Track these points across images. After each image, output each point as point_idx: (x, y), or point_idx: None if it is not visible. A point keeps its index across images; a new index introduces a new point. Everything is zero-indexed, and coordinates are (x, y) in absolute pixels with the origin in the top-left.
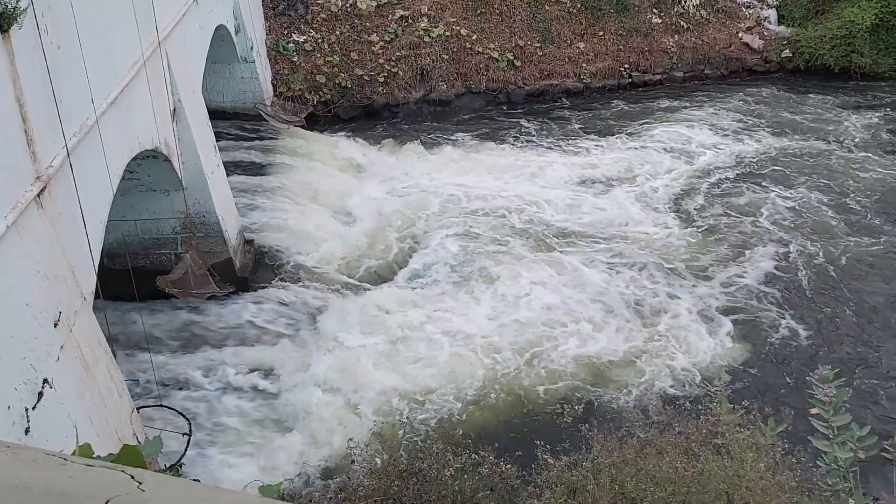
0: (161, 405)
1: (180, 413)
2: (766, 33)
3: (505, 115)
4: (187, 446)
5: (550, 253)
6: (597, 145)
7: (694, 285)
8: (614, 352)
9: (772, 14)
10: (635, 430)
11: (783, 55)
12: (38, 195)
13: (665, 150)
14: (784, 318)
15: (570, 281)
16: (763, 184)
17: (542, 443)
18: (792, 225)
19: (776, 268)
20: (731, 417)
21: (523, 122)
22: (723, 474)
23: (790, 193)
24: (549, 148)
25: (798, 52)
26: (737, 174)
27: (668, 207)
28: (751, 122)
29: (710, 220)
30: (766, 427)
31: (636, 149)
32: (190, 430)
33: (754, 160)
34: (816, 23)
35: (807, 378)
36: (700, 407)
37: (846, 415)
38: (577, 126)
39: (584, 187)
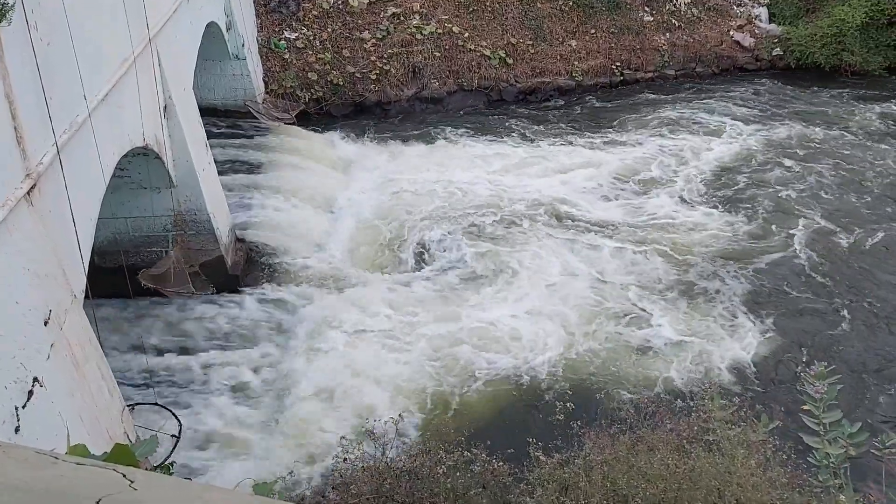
0: (155, 403)
1: (171, 412)
2: (757, 31)
3: (497, 112)
4: (175, 444)
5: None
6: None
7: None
8: (596, 353)
9: (763, 12)
10: (627, 427)
11: (774, 53)
12: (28, 193)
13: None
14: (775, 313)
15: (559, 280)
16: (768, 178)
17: (535, 440)
18: (788, 220)
19: (767, 263)
20: (722, 414)
21: (514, 119)
22: (714, 471)
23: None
24: (538, 144)
25: (789, 50)
26: (732, 174)
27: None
28: (750, 118)
29: (697, 215)
30: (758, 424)
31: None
32: (180, 429)
33: (754, 159)
34: (807, 21)
35: (799, 374)
36: (692, 404)
37: (837, 411)
38: (563, 124)
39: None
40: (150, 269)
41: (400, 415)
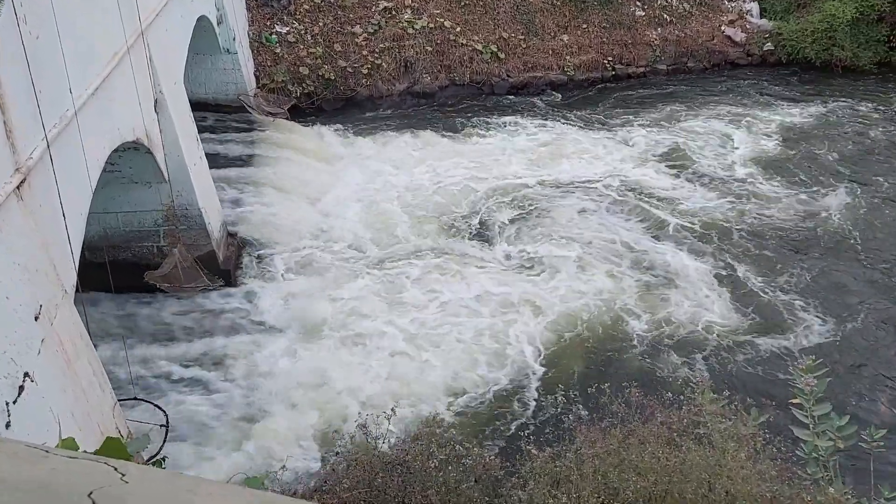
0: (136, 398)
1: (157, 406)
2: (748, 26)
3: (489, 106)
4: (165, 439)
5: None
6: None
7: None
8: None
9: (754, 7)
10: (618, 420)
11: (765, 48)
12: (18, 187)
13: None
14: (766, 307)
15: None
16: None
17: (527, 434)
18: (790, 212)
19: (760, 256)
20: (713, 408)
21: (507, 113)
22: (704, 464)
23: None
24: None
25: (780, 45)
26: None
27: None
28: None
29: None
30: (748, 417)
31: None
32: (167, 423)
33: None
34: (798, 16)
35: (789, 368)
36: (682, 397)
37: (826, 404)
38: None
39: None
40: (150, 268)
41: (392, 409)
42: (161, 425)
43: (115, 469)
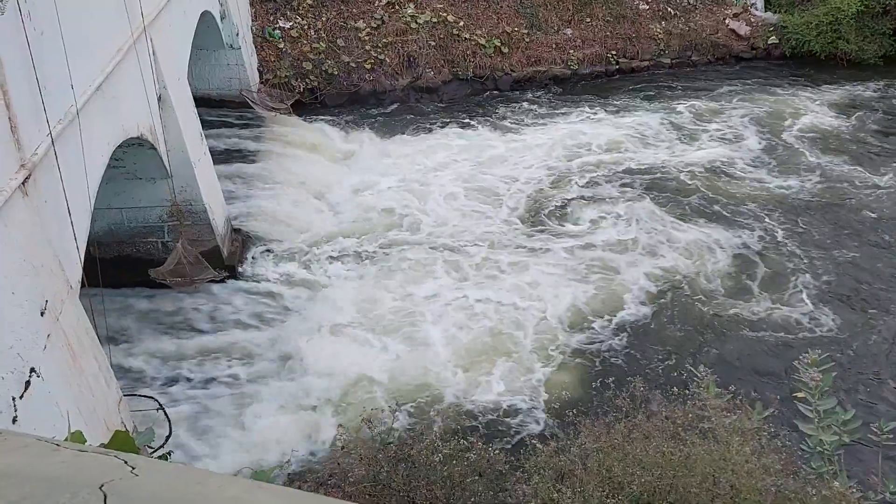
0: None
1: (155, 400)
2: (752, 20)
3: (492, 101)
4: (169, 433)
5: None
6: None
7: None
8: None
9: (758, 0)
10: (622, 415)
11: (770, 42)
12: (23, 183)
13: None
14: (770, 299)
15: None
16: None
17: (531, 428)
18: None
19: (764, 246)
20: (717, 402)
21: (509, 106)
22: (709, 458)
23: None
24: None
25: (785, 38)
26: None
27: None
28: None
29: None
30: (753, 411)
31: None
32: (168, 418)
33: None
34: (802, 9)
35: (794, 362)
36: (687, 392)
37: (832, 399)
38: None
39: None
40: (153, 264)
41: (397, 403)
42: (157, 408)
43: (126, 462)
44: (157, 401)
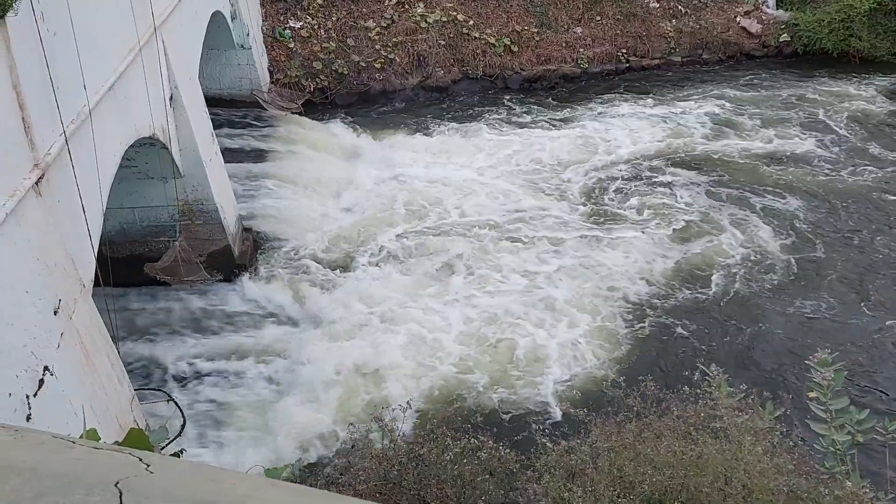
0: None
1: (166, 393)
2: (764, 17)
3: (504, 100)
4: (182, 428)
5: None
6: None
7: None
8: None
9: None
10: (633, 414)
11: (781, 39)
12: (37, 183)
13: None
14: (783, 297)
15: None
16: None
17: (541, 427)
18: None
19: (780, 245)
20: (729, 401)
21: (519, 105)
22: (721, 457)
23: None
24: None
25: (796, 36)
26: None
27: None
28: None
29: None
30: (765, 410)
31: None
32: (183, 416)
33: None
34: (814, 6)
35: (806, 361)
36: (698, 391)
37: (844, 398)
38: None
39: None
40: (156, 262)
41: (408, 402)
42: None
43: (140, 460)
44: (167, 394)
